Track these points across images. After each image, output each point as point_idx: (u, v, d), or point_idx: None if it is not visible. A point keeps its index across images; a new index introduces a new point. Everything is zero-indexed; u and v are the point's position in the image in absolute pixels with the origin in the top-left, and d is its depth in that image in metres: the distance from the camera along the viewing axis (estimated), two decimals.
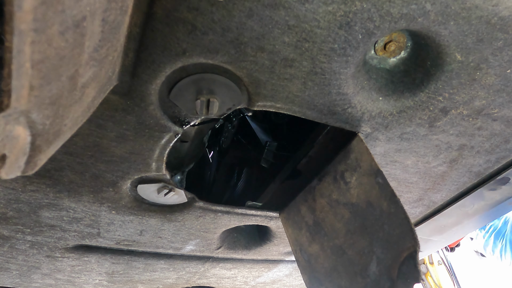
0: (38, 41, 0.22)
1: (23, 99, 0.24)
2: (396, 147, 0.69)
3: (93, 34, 0.29)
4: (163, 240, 0.95)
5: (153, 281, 1.20)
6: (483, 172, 0.79)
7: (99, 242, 0.92)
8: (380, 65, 0.57)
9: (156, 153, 0.63)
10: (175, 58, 0.47)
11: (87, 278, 1.10)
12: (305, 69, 0.50)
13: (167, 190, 0.75)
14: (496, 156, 0.74)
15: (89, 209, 0.77)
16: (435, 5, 0.45)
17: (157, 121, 0.56)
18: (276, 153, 1.03)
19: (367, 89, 0.57)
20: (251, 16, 0.43)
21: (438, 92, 0.58)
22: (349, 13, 0.44)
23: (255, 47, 0.46)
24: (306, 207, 0.81)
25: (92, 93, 0.38)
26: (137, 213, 0.81)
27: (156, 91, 0.52)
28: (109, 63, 0.39)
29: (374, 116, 0.61)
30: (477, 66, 0.54)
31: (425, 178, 0.81)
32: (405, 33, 0.52)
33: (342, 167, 0.70)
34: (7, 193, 0.69)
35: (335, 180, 0.72)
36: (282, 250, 1.12)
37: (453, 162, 0.75)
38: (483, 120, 0.64)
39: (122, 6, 0.34)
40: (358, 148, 0.65)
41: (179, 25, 0.43)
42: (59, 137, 0.35)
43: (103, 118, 0.55)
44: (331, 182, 0.73)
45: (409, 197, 0.89)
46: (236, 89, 0.53)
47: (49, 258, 0.95)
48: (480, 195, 0.89)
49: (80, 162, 0.63)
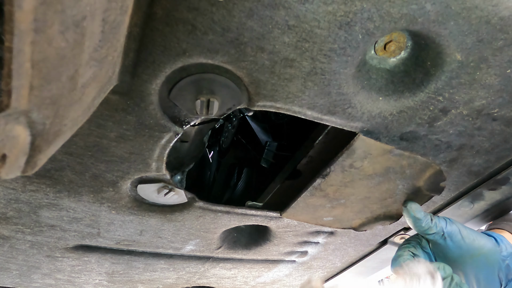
0: (38, 41, 0.22)
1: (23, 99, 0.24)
2: (396, 147, 0.69)
3: (93, 34, 0.29)
4: (163, 240, 0.95)
5: (153, 281, 1.20)
6: (483, 172, 0.79)
7: (99, 242, 0.92)
8: (380, 65, 0.57)
9: (156, 153, 0.63)
10: (175, 58, 0.47)
11: (87, 278, 1.10)
12: (305, 69, 0.50)
13: (167, 190, 0.75)
14: (496, 156, 0.74)
15: (89, 209, 0.77)
16: (435, 5, 0.45)
17: (157, 121, 0.56)
18: (276, 153, 1.03)
19: (367, 89, 0.57)
20: (251, 16, 0.43)
21: (438, 92, 0.58)
22: (349, 13, 0.44)
23: (255, 47, 0.46)
24: (316, 197, 0.82)
25: (92, 93, 0.38)
26: (137, 213, 0.81)
27: (156, 91, 0.52)
28: (109, 63, 0.39)
29: (374, 116, 0.61)
30: (477, 66, 0.54)
31: None
32: (405, 33, 0.52)
33: (348, 161, 0.71)
34: (7, 193, 0.69)
35: (343, 171, 0.74)
36: (282, 250, 1.12)
37: (452, 162, 0.75)
38: (483, 120, 0.64)
39: (122, 6, 0.34)
40: (364, 144, 0.66)
41: (179, 25, 0.43)
42: (59, 137, 0.35)
43: (103, 118, 0.55)
44: (339, 173, 0.75)
45: None
46: (236, 89, 0.53)
47: (49, 258, 0.95)
48: (480, 195, 0.89)
49: (80, 162, 0.63)
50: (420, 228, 0.78)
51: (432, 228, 0.77)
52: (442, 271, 0.74)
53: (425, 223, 0.77)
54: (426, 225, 0.77)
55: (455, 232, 0.78)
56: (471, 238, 0.78)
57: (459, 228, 0.79)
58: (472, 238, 0.78)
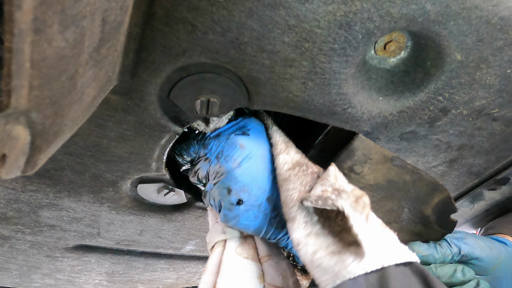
0: (38, 41, 0.22)
1: (23, 99, 0.24)
2: (396, 147, 0.69)
3: (93, 34, 0.29)
4: (163, 240, 0.95)
5: (153, 281, 1.20)
6: (483, 172, 0.79)
7: (99, 242, 0.92)
8: (380, 65, 0.57)
9: (156, 153, 0.63)
10: (175, 58, 0.47)
11: (87, 278, 1.10)
12: (305, 69, 0.50)
13: (167, 190, 0.75)
14: (496, 156, 0.74)
15: (89, 209, 0.77)
16: (435, 5, 0.45)
17: (157, 121, 0.56)
18: None
19: (367, 89, 0.57)
20: (251, 16, 0.43)
21: (438, 92, 0.58)
22: (349, 13, 0.44)
23: (255, 47, 0.46)
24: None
25: (92, 93, 0.38)
26: (137, 213, 0.81)
27: (156, 91, 0.52)
28: (109, 63, 0.39)
29: (374, 116, 0.61)
30: (477, 66, 0.54)
31: None
32: (405, 33, 0.52)
33: (348, 163, 0.71)
34: (7, 193, 0.69)
35: (343, 173, 0.73)
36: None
37: (452, 162, 0.74)
38: (483, 120, 0.64)
39: (122, 6, 0.34)
40: (364, 145, 0.66)
41: (179, 25, 0.43)
42: (59, 137, 0.35)
43: (103, 118, 0.55)
44: None
45: None
46: (236, 89, 0.53)
47: (49, 258, 0.95)
48: (480, 195, 0.89)
49: (80, 162, 0.63)
50: (436, 262, 0.72)
51: (448, 255, 0.72)
52: (460, 273, 0.70)
53: (436, 255, 0.72)
54: (440, 257, 0.72)
55: (474, 247, 0.73)
56: (487, 248, 0.74)
57: (474, 240, 0.74)
58: (489, 247, 0.74)
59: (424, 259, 0.73)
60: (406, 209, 0.76)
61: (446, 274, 0.71)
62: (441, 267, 0.72)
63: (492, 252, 0.74)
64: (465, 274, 0.71)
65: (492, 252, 0.74)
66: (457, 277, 0.71)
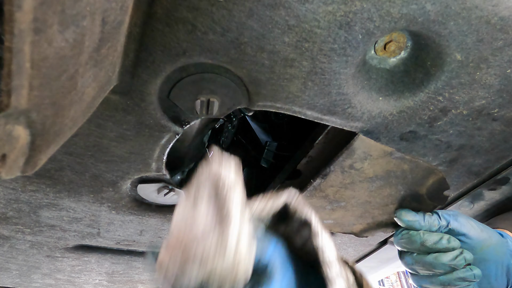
0: (38, 41, 0.22)
1: (23, 99, 0.24)
2: (396, 147, 0.69)
3: (93, 34, 0.29)
4: (163, 240, 0.95)
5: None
6: (482, 172, 0.79)
7: (99, 242, 0.92)
8: (380, 65, 0.57)
9: (156, 153, 0.63)
10: (175, 58, 0.47)
11: (87, 278, 1.10)
12: (305, 69, 0.50)
13: (167, 190, 0.75)
14: (496, 156, 0.74)
15: (89, 209, 0.77)
16: (435, 5, 0.45)
17: (157, 121, 0.56)
18: (276, 153, 1.03)
19: (367, 89, 0.57)
20: (251, 16, 0.43)
21: (438, 92, 0.58)
22: (349, 13, 0.44)
23: (255, 47, 0.46)
24: (316, 197, 0.82)
25: (92, 93, 0.38)
26: (137, 213, 0.81)
27: (156, 91, 0.52)
28: (109, 63, 0.39)
29: (374, 116, 0.61)
30: (477, 66, 0.54)
31: None
32: (405, 33, 0.52)
33: (348, 162, 0.71)
34: (7, 193, 0.69)
35: (343, 171, 0.74)
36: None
37: (452, 162, 0.74)
38: (483, 120, 0.64)
39: (122, 6, 0.34)
40: (364, 144, 0.66)
41: (179, 25, 0.43)
42: (59, 137, 0.35)
43: (103, 118, 0.55)
44: (339, 174, 0.74)
45: None
46: (236, 89, 0.53)
47: (49, 258, 0.95)
48: (480, 195, 0.89)
49: (80, 162, 0.63)
50: (422, 229, 0.74)
51: (434, 225, 0.73)
52: (445, 240, 0.71)
53: (422, 222, 0.74)
54: (425, 225, 0.74)
55: (463, 224, 0.74)
56: (478, 229, 0.74)
57: (466, 219, 0.75)
58: (480, 229, 0.75)
59: (410, 223, 0.75)
60: (403, 191, 0.79)
61: (432, 240, 0.73)
62: (429, 234, 0.74)
63: (482, 234, 0.74)
64: (450, 242, 0.72)
65: (482, 233, 0.74)
66: (442, 243, 0.72)
